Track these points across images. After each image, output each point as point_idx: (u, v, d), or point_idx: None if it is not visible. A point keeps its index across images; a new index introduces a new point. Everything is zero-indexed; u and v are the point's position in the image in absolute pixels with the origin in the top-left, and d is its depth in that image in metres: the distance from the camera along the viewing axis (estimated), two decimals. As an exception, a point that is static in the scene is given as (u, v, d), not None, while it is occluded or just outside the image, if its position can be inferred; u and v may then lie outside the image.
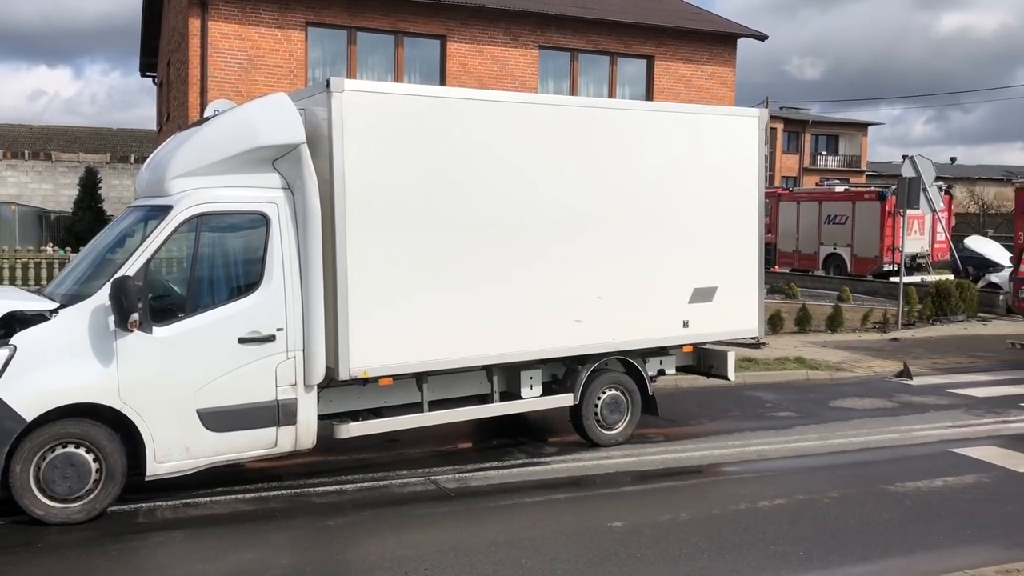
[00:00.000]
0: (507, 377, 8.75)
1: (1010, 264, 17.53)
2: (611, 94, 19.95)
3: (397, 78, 17.76)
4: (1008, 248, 22.27)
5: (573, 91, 19.48)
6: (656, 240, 9.21)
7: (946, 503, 7.60)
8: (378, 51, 17.91)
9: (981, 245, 26.62)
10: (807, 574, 5.99)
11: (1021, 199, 15.05)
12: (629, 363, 9.39)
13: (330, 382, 7.60)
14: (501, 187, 8.27)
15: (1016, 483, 8.20)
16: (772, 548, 6.43)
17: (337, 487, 7.78)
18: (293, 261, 7.31)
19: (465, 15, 17.97)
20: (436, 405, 8.33)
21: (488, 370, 8.56)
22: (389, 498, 7.57)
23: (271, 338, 7.19)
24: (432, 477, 8.10)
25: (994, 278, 23.44)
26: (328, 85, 7.33)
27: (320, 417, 7.59)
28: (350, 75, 17.12)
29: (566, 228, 8.64)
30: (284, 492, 7.61)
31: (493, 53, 18.44)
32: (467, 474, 8.22)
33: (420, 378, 8.13)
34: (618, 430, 9.31)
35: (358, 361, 7.46)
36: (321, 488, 7.72)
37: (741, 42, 21.21)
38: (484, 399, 8.69)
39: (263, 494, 7.55)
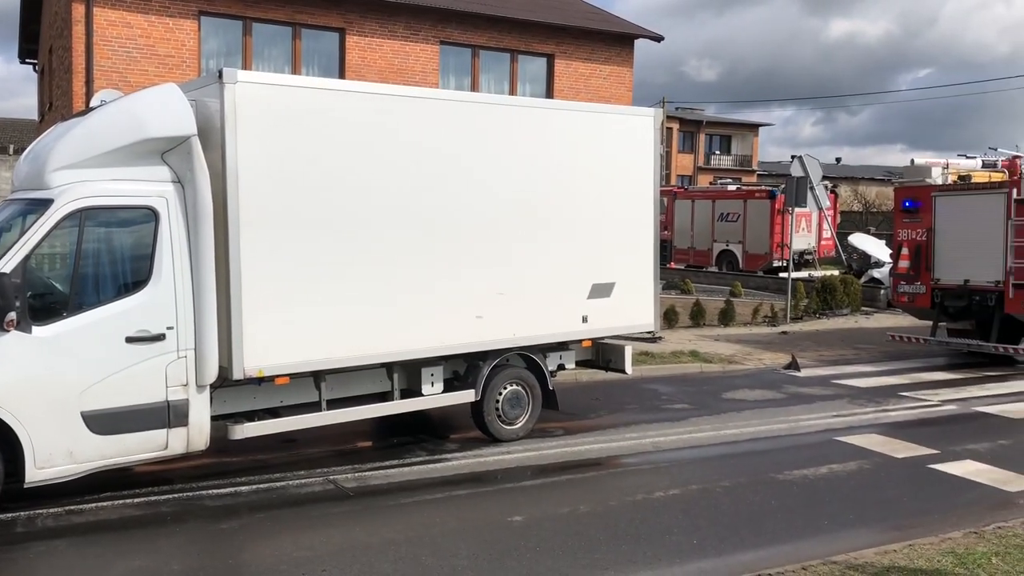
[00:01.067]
0: (408, 374, 8.70)
1: (890, 260, 18.41)
2: (512, 91, 20.04)
3: (295, 71, 17.39)
4: (889, 245, 23.41)
5: (475, 87, 19.48)
6: (556, 237, 9.31)
7: (831, 489, 7.94)
8: (275, 43, 17.50)
9: (864, 242, 27.90)
10: (700, 562, 6.17)
11: (900, 198, 15.82)
12: (530, 358, 9.46)
13: (224, 382, 7.39)
14: (401, 183, 8.21)
15: (895, 469, 8.62)
16: (667, 538, 6.59)
17: (232, 489, 7.57)
18: (184, 257, 7.08)
19: (364, 8, 17.73)
20: (335, 404, 8.21)
21: (388, 368, 8.48)
22: (286, 499, 7.42)
23: (160, 337, 6.95)
24: (331, 477, 7.98)
25: (876, 274, 24.61)
26: (220, 76, 7.13)
27: (214, 418, 7.38)
28: (246, 67, 16.66)
29: (467, 224, 8.64)
30: (176, 496, 7.37)
31: (393, 47, 18.26)
32: (367, 473, 8.13)
33: (318, 377, 8.00)
34: (519, 425, 9.37)
35: (253, 360, 7.28)
36: (215, 491, 7.51)
37: (640, 43, 21.61)
38: (384, 397, 8.61)
39: (153, 498, 7.29)
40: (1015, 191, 13.69)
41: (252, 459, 8.38)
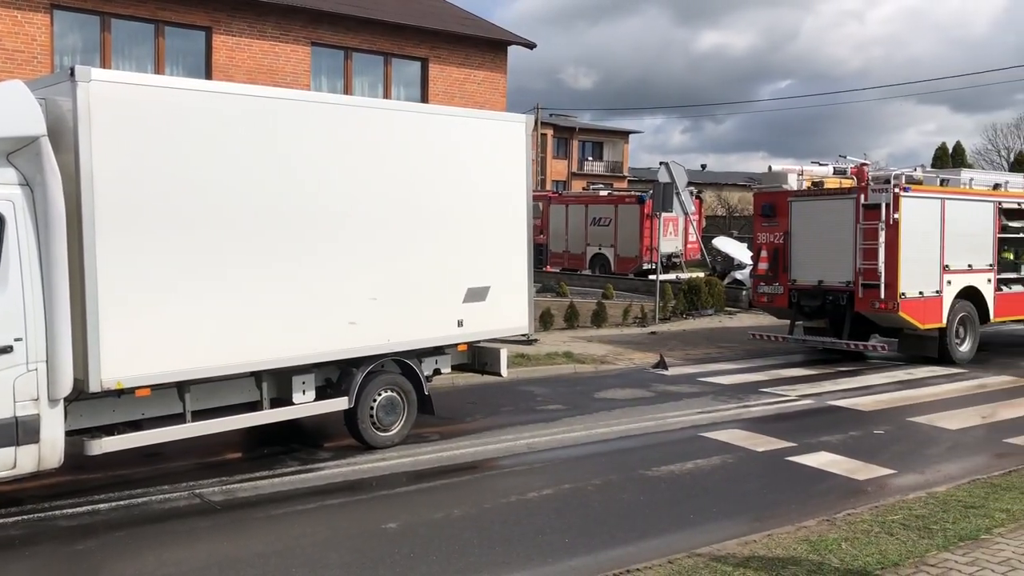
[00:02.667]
0: (278, 383, 8.50)
1: (751, 263, 19.28)
2: (387, 95, 19.89)
3: (158, 70, 16.71)
4: (750, 248, 24.51)
5: (348, 90, 19.23)
6: (431, 241, 9.30)
7: (696, 484, 8.24)
8: (138, 41, 16.76)
9: (727, 245, 29.10)
10: (571, 560, 6.28)
11: (759, 203, 16.59)
12: (405, 364, 9.41)
13: (79, 395, 7.03)
14: (267, 186, 8.02)
15: (756, 462, 9.03)
16: (540, 538, 6.69)
17: (89, 507, 7.20)
18: (34, 264, 6.69)
19: (232, 6, 17.23)
20: (201, 415, 7.93)
21: (257, 376, 8.26)
22: (148, 515, 7.12)
23: (8, 349, 6.53)
24: (196, 491, 7.70)
25: (738, 275, 25.72)
26: (73, 73, 6.78)
27: (69, 433, 7.01)
28: (104, 65, 15.88)
29: (338, 229, 8.53)
30: (26, 517, 6.95)
31: (263, 47, 17.81)
32: (235, 485, 7.89)
33: (182, 387, 7.71)
34: (394, 431, 9.30)
35: (111, 372, 6.95)
36: (70, 510, 7.12)
37: (519, 51, 21.89)
38: (254, 406, 8.38)
39: (1, 521, 6.85)
40: (863, 196, 14.58)
41: (111, 475, 8.00)
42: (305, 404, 8.65)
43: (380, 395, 9.16)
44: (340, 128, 8.60)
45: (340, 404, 8.83)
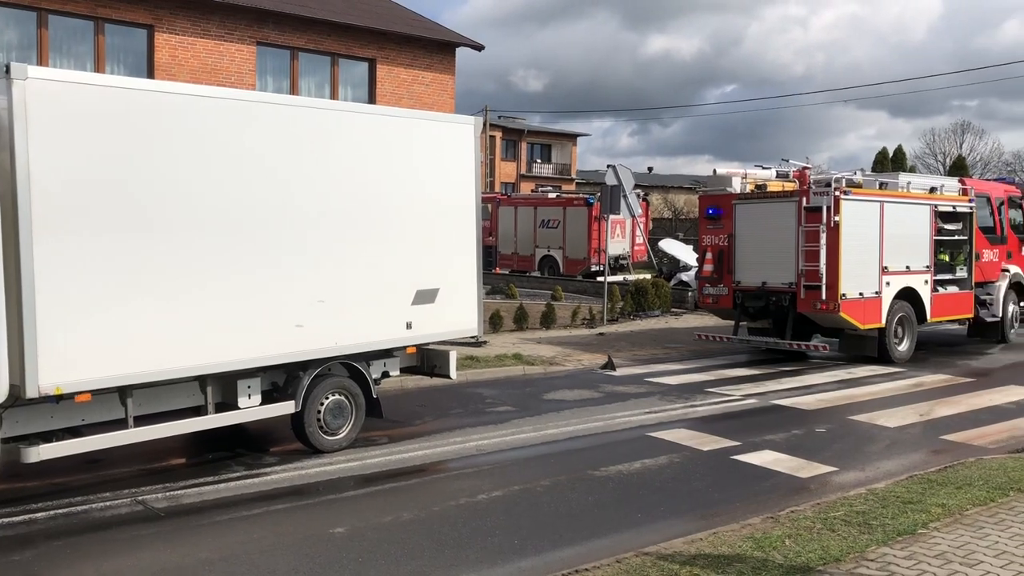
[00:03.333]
0: (223, 387, 8.38)
1: (696, 264, 19.55)
2: (334, 95, 19.73)
3: (99, 69, 16.34)
4: (696, 250, 24.83)
5: (294, 90, 19.03)
6: (378, 243, 9.25)
7: (644, 483, 8.32)
8: (76, 38, 16.37)
9: (673, 247, 29.46)
10: (521, 562, 6.30)
11: (704, 206, 16.83)
12: (353, 367, 9.34)
13: (16, 401, 6.84)
14: (211, 187, 7.90)
15: (702, 461, 9.15)
16: (489, 540, 6.69)
17: (26, 517, 7.01)
18: (-33, 267, 6.49)
19: (175, 4, 16.93)
20: (143, 420, 7.78)
21: (202, 380, 8.13)
22: (89, 524, 6.96)
23: (-60, 354, 6.33)
24: (139, 497, 7.55)
25: (684, 277, 26.04)
26: (8, 71, 6.60)
27: (4, 440, 6.82)
28: (42, 62, 15.49)
29: (284, 230, 8.43)
30: (-41, 528, 6.74)
31: (207, 47, 17.54)
32: (179, 491, 7.76)
33: (124, 392, 7.55)
34: (342, 435, 9.23)
35: (49, 377, 6.78)
36: (5, 519, 6.92)
37: (469, 53, 21.90)
38: (199, 411, 8.25)
39: (-68, 532, 6.64)
40: (805, 200, 14.88)
41: (50, 483, 7.79)
42: (251, 408, 8.54)
43: (327, 399, 9.09)
44: (285, 129, 8.50)
45: (287, 408, 8.73)
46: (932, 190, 16.97)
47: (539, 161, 69.62)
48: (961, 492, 7.42)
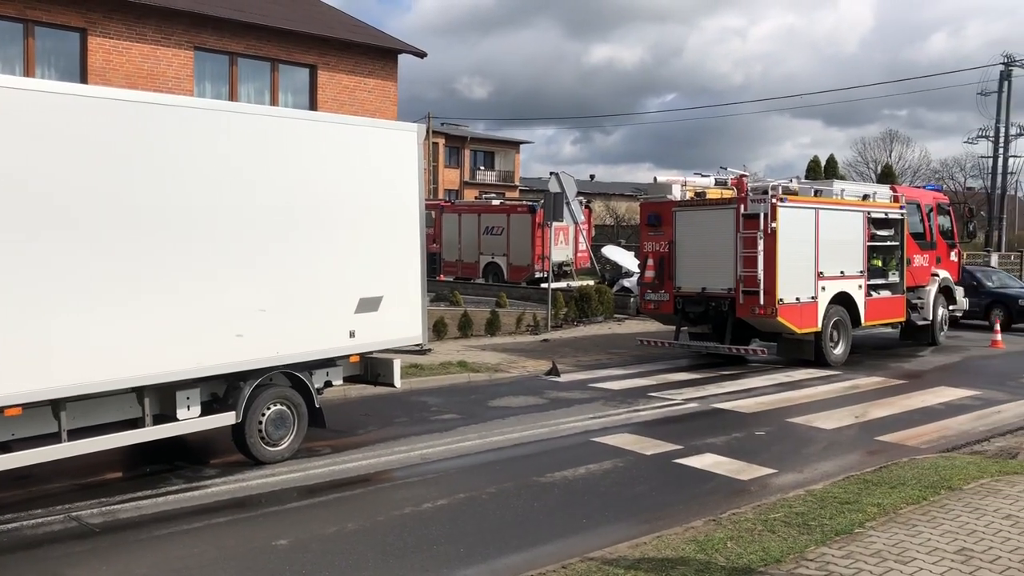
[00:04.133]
0: (161, 398, 8.20)
1: (638, 270, 19.76)
2: (274, 102, 19.51)
3: (28, 72, 15.89)
4: (638, 256, 25.10)
5: (233, 96, 18.75)
6: (320, 251, 9.17)
7: (588, 489, 8.37)
8: (5, 41, 15.90)
9: (615, 254, 29.75)
10: (466, 570, 6.29)
11: (645, 213, 17.03)
12: (295, 376, 9.23)
13: (-59, 416, 6.60)
14: (146, 195, 7.73)
15: (645, 465, 9.25)
16: (435, 548, 6.67)
17: (-47, 536, 6.77)
18: None
19: (109, 7, 16.56)
20: (78, 434, 7.57)
21: (139, 392, 7.95)
22: (19, 542, 6.73)
23: None
24: (73, 513, 7.34)
25: (626, 283, 26.32)
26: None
27: (-71, 457, 6.57)
28: (-34, 64, 15.01)
29: (222, 239, 8.30)
30: None
31: (143, 51, 17.19)
32: (115, 506, 7.56)
33: (57, 405, 7.34)
34: (284, 446, 9.11)
35: (-23, 390, 6.56)
36: (-68, 540, 6.68)
37: (412, 60, 21.82)
38: (136, 423, 8.05)
39: None
40: (742, 207, 15.17)
41: (-22, 501, 7.54)
42: (190, 420, 8.38)
43: (269, 409, 8.96)
44: (222, 135, 8.36)
45: (227, 419, 8.58)
46: (865, 197, 17.45)
47: (482, 168, 69.71)
48: (895, 492, 7.62)
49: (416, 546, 6.71)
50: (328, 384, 9.82)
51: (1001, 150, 46.41)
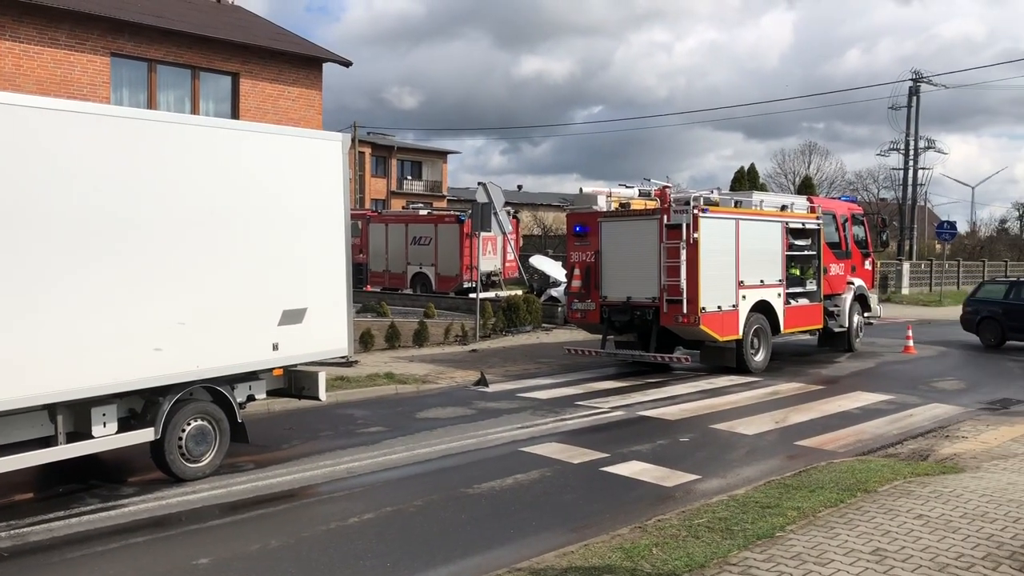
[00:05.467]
0: (75, 415, 7.93)
1: (565, 280, 19.91)
2: (195, 110, 19.10)
3: (-69, 75, 15.24)
4: (565, 266, 25.30)
5: (152, 104, 18.30)
6: (243, 262, 8.99)
7: (516, 499, 8.38)
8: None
9: (543, 264, 29.92)
10: (394, 583, 6.23)
11: (571, 223, 17.19)
12: (216, 391, 9.02)
13: None
14: (57, 201, 7.47)
15: (573, 474, 9.30)
16: (361, 563, 6.58)
17: None
18: None
19: (19, 11, 15.99)
20: (-16, 454, 7.25)
21: (51, 409, 7.66)
22: (-79, 569, 6.42)
23: None
24: (-20, 538, 7.03)
25: (554, 292, 26.48)
26: None
27: None
28: None
29: (137, 250, 8.07)
30: None
31: (56, 56, 16.65)
32: (25, 529, 7.26)
33: (-39, 425, 7.02)
34: (205, 462, 8.89)
35: None
36: None
37: (341, 69, 21.64)
38: (48, 442, 7.75)
39: None
40: (666, 217, 15.43)
41: None
42: (106, 437, 8.11)
43: (189, 424, 8.74)
44: (140, 145, 8.15)
45: (145, 436, 8.34)
46: (783, 208, 17.93)
47: (410, 178, 69.41)
48: (814, 495, 7.83)
49: (341, 562, 6.61)
50: (251, 398, 9.63)
51: (911, 162, 48.33)
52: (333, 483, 8.93)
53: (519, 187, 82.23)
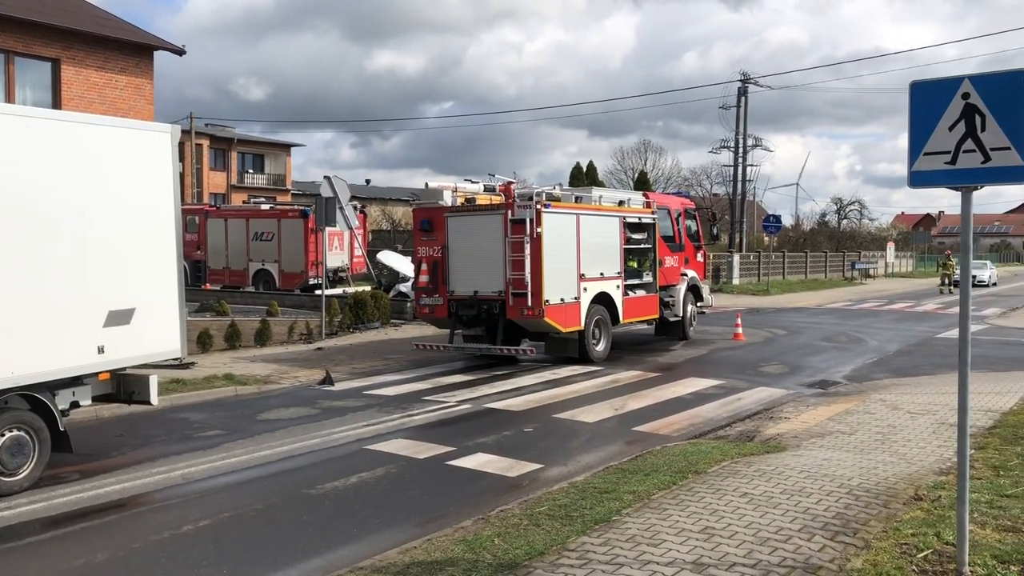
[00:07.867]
0: None
1: (414, 275, 19.86)
2: (10, 98, 17.78)
3: None
4: (413, 261, 25.22)
5: (-42, 89, 16.88)
6: (60, 261, 8.45)
7: (360, 497, 8.30)
8: None
9: (391, 259, 29.71)
10: (230, 591, 6.04)
11: (418, 218, 17.14)
12: (35, 398, 8.44)
13: None
14: None
15: (418, 469, 9.30)
16: (196, 572, 6.34)
17: None
18: None
19: None
20: None
21: None
22: None
23: None
24: None
25: (403, 288, 26.38)
26: None
27: None
28: None
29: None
30: None
31: None
32: None
33: None
34: (23, 475, 8.30)
35: None
36: None
37: (180, 59, 20.68)
38: None
39: None
40: (510, 212, 15.66)
41: None
42: (-94, 453, 7.44)
43: (4, 435, 8.14)
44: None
45: (-47, 450, 7.71)
46: (621, 203, 18.57)
47: (252, 171, 67.13)
48: (649, 479, 8.16)
49: (176, 571, 6.34)
50: (75, 405, 9.08)
51: (740, 159, 51.07)
52: (167, 490, 8.55)
53: (367, 181, 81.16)
